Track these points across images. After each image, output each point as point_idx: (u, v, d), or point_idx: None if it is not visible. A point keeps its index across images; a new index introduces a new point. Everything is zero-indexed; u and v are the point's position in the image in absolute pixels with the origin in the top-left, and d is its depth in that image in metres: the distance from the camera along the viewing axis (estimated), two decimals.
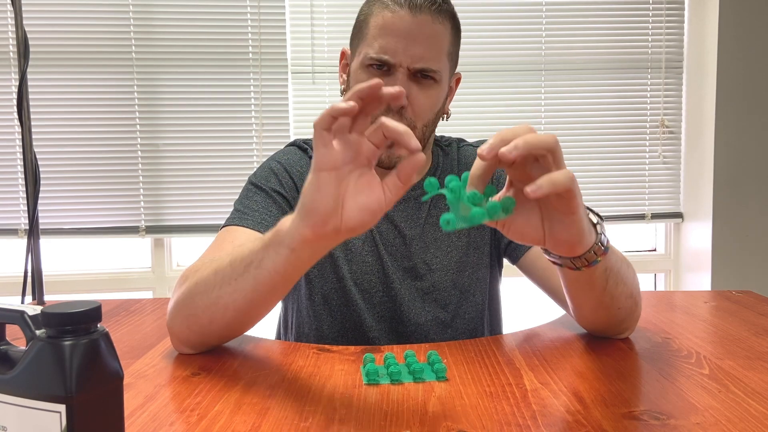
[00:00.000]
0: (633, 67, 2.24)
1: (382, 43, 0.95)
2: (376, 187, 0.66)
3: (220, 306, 0.77)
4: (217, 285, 0.77)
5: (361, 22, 1.01)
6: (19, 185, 2.07)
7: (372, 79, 0.64)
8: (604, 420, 0.63)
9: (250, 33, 2.12)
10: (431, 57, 0.96)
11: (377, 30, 0.97)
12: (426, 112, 0.99)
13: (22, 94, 1.32)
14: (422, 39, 0.95)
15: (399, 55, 0.95)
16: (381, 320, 1.04)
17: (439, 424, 0.62)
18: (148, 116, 2.11)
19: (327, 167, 0.65)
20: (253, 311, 0.79)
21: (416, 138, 0.97)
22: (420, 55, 0.95)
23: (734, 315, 1.01)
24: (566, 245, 0.69)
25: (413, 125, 0.98)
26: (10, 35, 2.04)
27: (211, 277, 0.78)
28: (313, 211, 0.65)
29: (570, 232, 0.66)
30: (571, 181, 0.62)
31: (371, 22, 0.98)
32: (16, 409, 0.46)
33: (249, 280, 0.74)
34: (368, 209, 0.65)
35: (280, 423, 0.63)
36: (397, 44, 0.95)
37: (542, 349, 0.84)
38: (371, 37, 0.97)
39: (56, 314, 0.45)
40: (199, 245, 2.13)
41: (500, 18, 2.19)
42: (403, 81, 0.96)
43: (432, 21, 0.95)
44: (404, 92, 0.64)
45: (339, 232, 0.65)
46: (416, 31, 0.94)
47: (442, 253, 1.06)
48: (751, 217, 2.19)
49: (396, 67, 0.95)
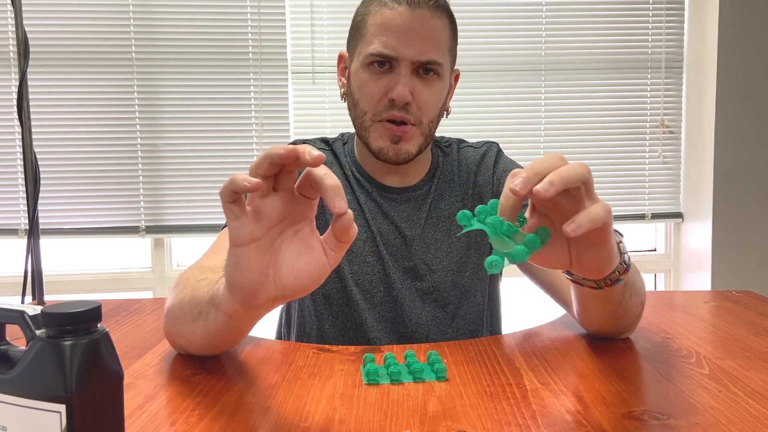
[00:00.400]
0: (633, 67, 2.24)
1: (383, 40, 0.96)
2: (316, 247, 0.59)
3: (185, 338, 0.77)
4: (180, 319, 0.75)
5: (359, 23, 1.01)
6: (19, 185, 2.07)
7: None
8: (604, 420, 0.63)
9: (250, 33, 2.12)
10: (434, 49, 0.97)
11: (377, 28, 0.97)
12: (431, 108, 1.00)
13: (22, 94, 1.31)
14: (423, 33, 0.95)
15: (401, 50, 0.95)
16: (382, 320, 1.04)
17: (439, 424, 0.62)
18: (148, 116, 2.11)
19: (243, 242, 0.56)
20: (216, 348, 0.78)
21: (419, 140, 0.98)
22: (423, 48, 0.95)
23: (734, 315, 1.01)
24: (594, 271, 0.66)
25: (419, 121, 0.99)
26: (10, 35, 2.04)
27: (176, 308, 0.76)
28: (236, 288, 0.59)
29: (600, 260, 0.64)
30: (608, 214, 0.59)
31: (369, 21, 0.98)
32: (16, 409, 0.46)
33: (200, 327, 0.70)
34: (307, 275, 0.58)
35: (280, 423, 0.63)
36: (399, 39, 0.95)
37: (542, 349, 0.84)
38: (371, 35, 0.97)
39: (56, 314, 0.45)
40: (199, 245, 2.13)
41: (500, 18, 2.19)
42: (406, 76, 0.96)
43: (431, 15, 0.96)
44: (323, 157, 0.55)
45: (276, 300, 0.59)
46: (417, 25, 0.95)
47: (442, 254, 1.06)
48: (751, 217, 2.19)
49: (399, 61, 0.96)
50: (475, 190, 1.09)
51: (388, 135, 0.98)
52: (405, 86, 0.95)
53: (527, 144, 2.23)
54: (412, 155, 1.00)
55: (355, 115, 1.02)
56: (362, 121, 1.01)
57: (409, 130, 0.98)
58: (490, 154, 1.12)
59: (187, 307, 0.73)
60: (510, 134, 2.21)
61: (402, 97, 0.95)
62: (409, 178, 1.07)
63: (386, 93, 0.97)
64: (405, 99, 0.95)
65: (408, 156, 1.00)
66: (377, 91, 0.98)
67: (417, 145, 1.00)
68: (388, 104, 0.97)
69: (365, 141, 1.01)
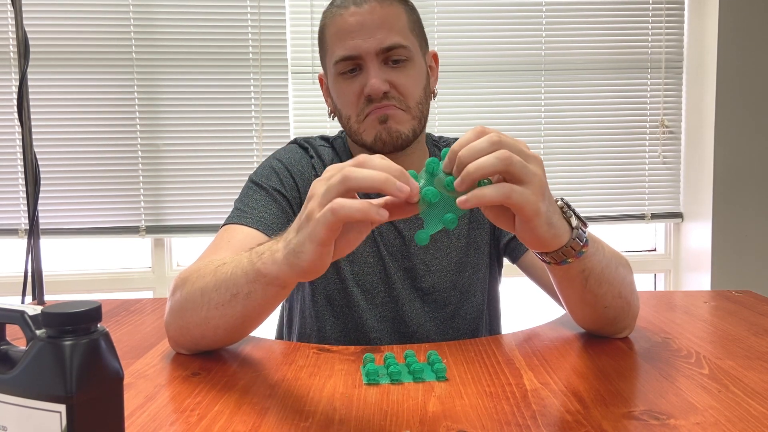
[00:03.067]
0: (633, 67, 2.24)
1: (342, 44, 0.97)
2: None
3: (210, 326, 0.78)
4: (204, 306, 0.77)
5: (321, 39, 1.04)
6: (19, 185, 2.07)
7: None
8: (603, 420, 0.63)
9: (250, 33, 2.12)
10: (394, 34, 0.97)
11: (334, 37, 0.99)
12: (413, 90, 1.00)
13: (22, 94, 1.31)
14: (377, 23, 0.96)
15: (361, 45, 0.96)
16: (382, 321, 1.04)
17: (439, 424, 0.62)
18: (148, 116, 2.11)
19: (323, 268, 0.65)
20: (246, 329, 0.81)
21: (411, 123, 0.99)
22: (382, 37, 0.96)
23: (734, 315, 1.01)
24: (532, 243, 0.70)
25: (406, 105, 0.99)
26: (10, 35, 2.04)
27: (198, 296, 0.78)
28: (312, 273, 0.66)
29: (534, 234, 0.67)
30: (505, 196, 0.62)
31: (327, 33, 1.01)
32: (16, 409, 0.46)
33: (238, 308, 0.75)
34: (357, 238, 0.66)
35: (280, 423, 0.63)
36: (356, 37, 0.96)
37: (542, 349, 0.84)
38: (332, 45, 0.99)
39: (56, 314, 0.45)
40: (199, 245, 2.13)
41: (500, 18, 2.19)
42: (375, 69, 0.97)
43: (380, 5, 0.97)
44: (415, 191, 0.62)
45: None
46: (368, 18, 0.96)
47: (441, 254, 1.06)
48: (751, 217, 2.19)
49: (364, 58, 0.97)
50: None
51: (375, 119, 0.99)
52: (376, 77, 0.96)
53: (527, 144, 2.22)
54: (405, 136, 0.99)
55: (344, 124, 1.03)
56: (350, 126, 1.02)
57: (392, 108, 0.98)
58: None
59: (214, 293, 0.76)
60: (510, 134, 2.19)
61: (376, 89, 0.96)
62: None
63: (362, 92, 0.98)
64: (379, 90, 0.96)
65: (401, 136, 0.99)
66: (353, 93, 0.99)
67: (410, 128, 1.00)
68: (366, 101, 0.98)
69: (361, 142, 1.02)
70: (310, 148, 1.09)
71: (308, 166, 1.07)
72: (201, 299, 0.77)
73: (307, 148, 1.09)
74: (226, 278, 0.75)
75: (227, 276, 0.75)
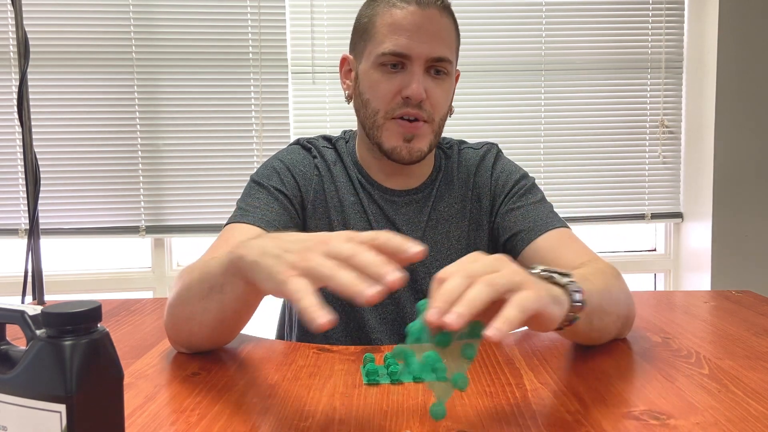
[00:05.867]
0: (633, 67, 2.24)
1: (395, 39, 0.96)
2: None
3: (196, 321, 0.78)
4: (189, 301, 0.77)
5: (366, 24, 1.01)
6: (19, 185, 2.07)
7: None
8: (603, 420, 0.63)
9: (250, 33, 2.12)
10: (445, 47, 0.98)
11: (387, 28, 0.97)
12: (443, 106, 1.01)
13: (22, 94, 1.31)
14: (434, 31, 0.97)
15: (414, 48, 0.96)
16: (383, 322, 1.04)
17: (439, 424, 0.62)
18: (148, 116, 2.11)
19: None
20: (227, 328, 0.79)
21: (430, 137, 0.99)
22: (435, 46, 0.97)
23: (734, 315, 1.01)
24: (542, 330, 0.64)
25: (432, 118, 1.00)
26: (10, 35, 2.04)
27: (185, 291, 0.78)
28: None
29: (542, 327, 0.62)
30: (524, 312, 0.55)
31: (378, 21, 0.99)
32: (16, 409, 0.46)
33: (214, 302, 0.74)
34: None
35: (280, 423, 0.63)
36: (411, 38, 0.96)
37: (542, 349, 0.84)
38: (382, 36, 0.98)
39: (56, 314, 0.45)
40: (199, 245, 2.13)
41: (500, 18, 2.19)
42: (420, 74, 0.97)
43: (440, 15, 0.98)
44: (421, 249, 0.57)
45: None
46: (427, 24, 0.96)
47: (441, 256, 1.06)
48: (751, 217, 2.19)
49: (412, 60, 0.96)
50: (474, 191, 1.09)
51: (401, 133, 0.99)
52: (420, 84, 0.96)
53: (527, 144, 2.23)
54: (424, 153, 1.01)
55: (366, 114, 1.02)
56: (374, 120, 1.00)
57: (421, 127, 0.99)
58: (489, 156, 1.12)
59: (197, 286, 0.75)
60: (510, 134, 2.21)
61: (418, 94, 0.96)
62: (411, 181, 1.08)
63: (399, 91, 0.98)
64: (420, 96, 0.96)
65: (420, 155, 1.00)
66: (391, 90, 0.98)
67: (428, 143, 1.01)
68: (402, 102, 0.98)
69: (377, 140, 1.01)
70: (313, 149, 1.09)
71: (311, 166, 1.07)
72: (187, 294, 0.77)
73: (310, 149, 1.09)
74: (207, 271, 0.74)
75: (209, 269, 0.74)
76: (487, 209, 1.09)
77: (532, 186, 1.09)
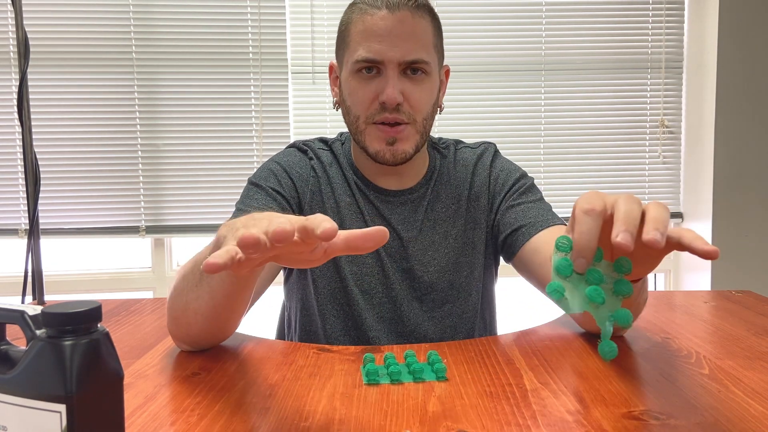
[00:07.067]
0: (633, 67, 2.24)
1: (367, 46, 0.97)
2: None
3: (190, 311, 0.78)
4: (185, 290, 0.78)
5: (343, 32, 1.02)
6: (20, 185, 2.07)
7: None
8: (604, 420, 0.63)
9: (250, 33, 2.12)
10: (419, 48, 0.97)
11: (359, 35, 0.98)
12: (423, 106, 1.00)
13: (22, 94, 1.31)
14: (406, 34, 0.96)
15: (386, 53, 0.96)
16: (381, 320, 1.04)
17: (439, 424, 0.62)
18: (148, 116, 2.11)
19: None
20: (221, 316, 0.79)
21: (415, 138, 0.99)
22: (408, 49, 0.96)
23: (734, 315, 1.01)
24: (638, 275, 0.67)
25: (413, 119, 0.99)
26: (10, 35, 2.04)
27: (180, 282, 0.80)
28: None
29: (651, 266, 0.66)
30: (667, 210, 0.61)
31: (352, 29, 1.00)
32: (16, 409, 0.46)
33: (205, 287, 0.75)
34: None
35: (280, 423, 0.63)
36: (382, 43, 0.96)
37: (542, 349, 0.84)
38: (355, 43, 0.99)
39: (56, 314, 0.45)
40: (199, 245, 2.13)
41: (500, 18, 2.19)
42: (394, 78, 0.97)
43: (412, 16, 0.97)
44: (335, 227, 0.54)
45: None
46: (399, 27, 0.96)
47: (439, 255, 1.06)
48: (751, 217, 2.19)
49: (385, 65, 0.97)
50: (472, 191, 1.10)
51: (383, 138, 0.99)
52: (394, 88, 0.96)
53: (527, 144, 2.23)
54: (409, 154, 1.01)
55: (350, 120, 1.03)
56: (357, 126, 1.02)
57: (403, 130, 0.99)
58: (486, 155, 1.12)
59: (190, 275, 0.77)
60: (510, 134, 2.21)
61: (392, 99, 0.96)
62: (405, 181, 1.08)
63: (376, 96, 0.98)
64: (395, 100, 0.96)
65: (405, 156, 1.00)
66: (368, 96, 0.98)
67: (413, 144, 1.01)
68: (380, 107, 0.98)
69: (362, 145, 1.02)
70: (310, 151, 1.10)
71: (307, 168, 1.07)
72: (182, 284, 0.79)
73: (306, 151, 1.10)
74: (197, 260, 0.77)
75: (199, 257, 0.76)
76: (486, 207, 1.09)
77: (531, 185, 1.09)
